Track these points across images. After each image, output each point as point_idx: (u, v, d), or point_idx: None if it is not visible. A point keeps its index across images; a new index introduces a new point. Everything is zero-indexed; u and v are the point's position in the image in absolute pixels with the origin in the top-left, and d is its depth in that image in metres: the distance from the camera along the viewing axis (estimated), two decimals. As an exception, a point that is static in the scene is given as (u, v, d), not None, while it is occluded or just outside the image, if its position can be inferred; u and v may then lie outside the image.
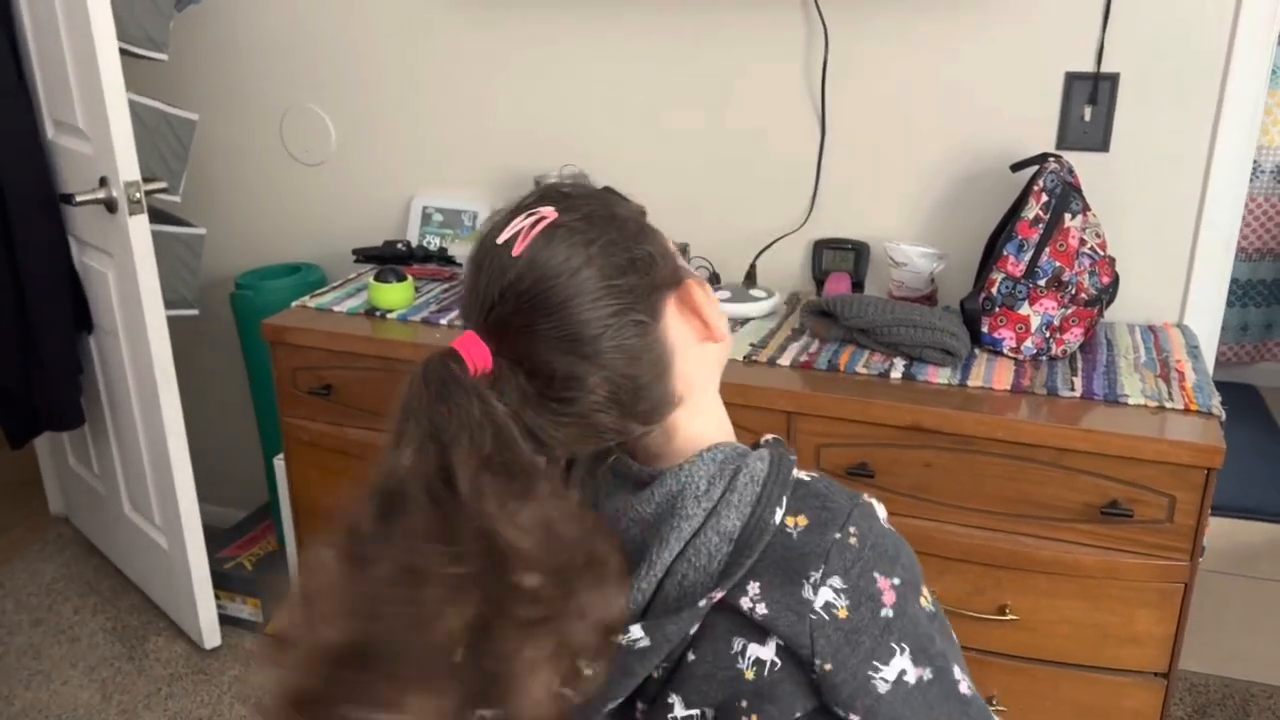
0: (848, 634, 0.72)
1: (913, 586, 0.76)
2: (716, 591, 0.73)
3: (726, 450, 0.80)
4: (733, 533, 0.75)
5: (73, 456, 2.68)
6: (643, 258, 0.78)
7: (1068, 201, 1.65)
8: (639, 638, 0.73)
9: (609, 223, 0.78)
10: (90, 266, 2.20)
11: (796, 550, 0.73)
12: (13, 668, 2.29)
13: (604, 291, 0.75)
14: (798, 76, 1.95)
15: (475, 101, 2.18)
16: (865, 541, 0.74)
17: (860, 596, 0.73)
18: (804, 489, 0.77)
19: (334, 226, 2.38)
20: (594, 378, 0.75)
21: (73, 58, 1.95)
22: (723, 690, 0.74)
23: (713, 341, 0.83)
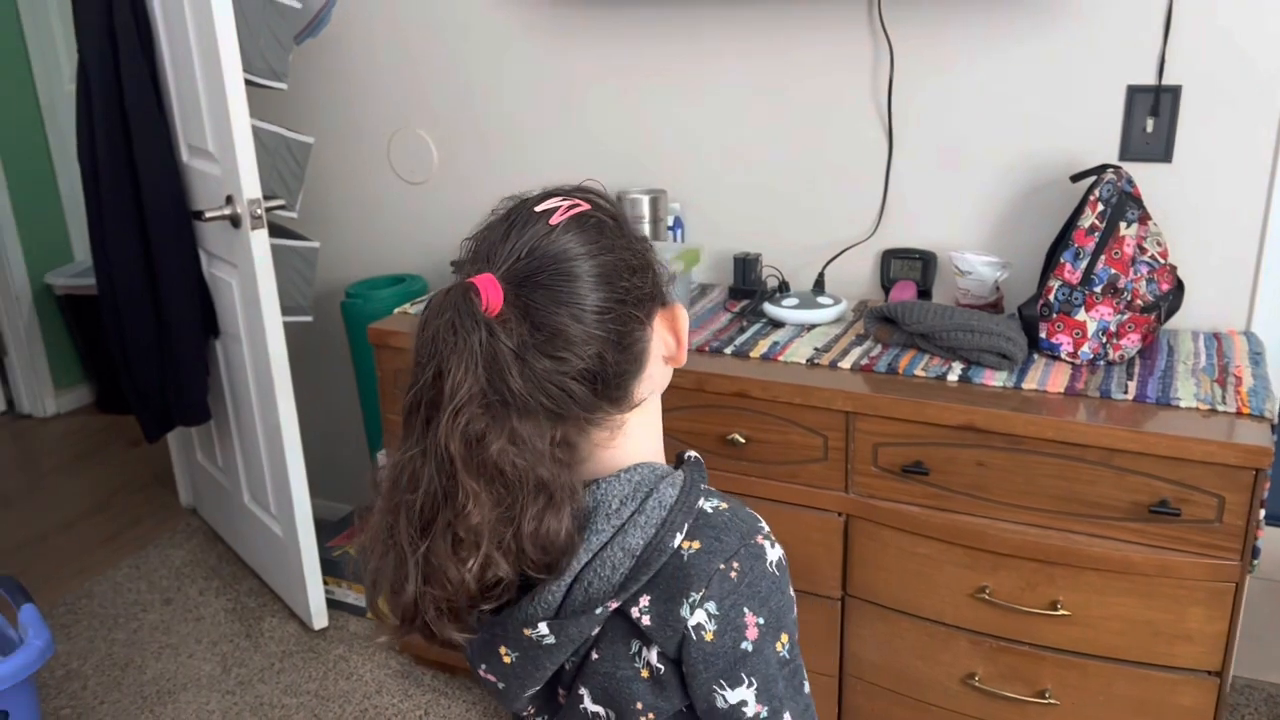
0: (705, 657, 0.82)
1: (774, 629, 0.84)
2: (613, 601, 0.82)
3: (644, 472, 0.87)
4: (635, 550, 0.82)
5: (200, 452, 2.92)
6: (648, 270, 0.89)
7: (1123, 210, 1.69)
8: (545, 634, 0.82)
9: (626, 233, 0.89)
10: (217, 277, 2.42)
11: (684, 571, 0.82)
12: (146, 641, 2.52)
13: (618, 280, 0.85)
14: (865, 93, 2.04)
15: (561, 123, 2.33)
16: (744, 578, 0.82)
17: (726, 625, 0.81)
18: (705, 519, 0.85)
19: (435, 239, 2.56)
20: (588, 347, 0.82)
21: (204, 88, 2.17)
22: (622, 687, 0.85)
23: (674, 364, 0.93)
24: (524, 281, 0.82)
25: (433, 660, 2.37)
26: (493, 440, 0.78)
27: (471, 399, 0.78)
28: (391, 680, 2.36)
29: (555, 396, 0.82)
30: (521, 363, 0.80)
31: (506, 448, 0.79)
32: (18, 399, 3.88)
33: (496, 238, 0.86)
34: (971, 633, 1.70)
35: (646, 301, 0.88)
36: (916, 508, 1.69)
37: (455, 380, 0.77)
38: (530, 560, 0.81)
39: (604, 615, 0.82)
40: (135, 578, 2.79)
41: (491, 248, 0.85)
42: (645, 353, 0.89)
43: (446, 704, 2.28)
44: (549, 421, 0.83)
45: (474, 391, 0.78)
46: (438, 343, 0.79)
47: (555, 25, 2.27)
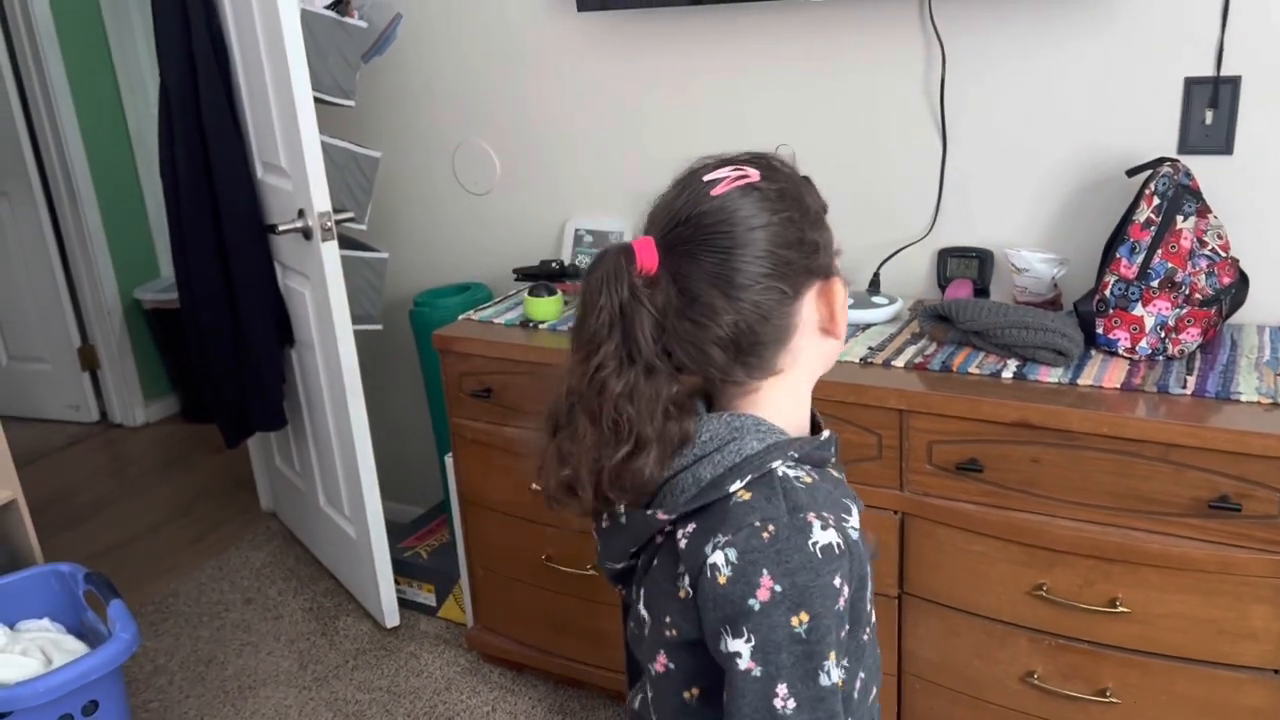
0: (716, 597, 0.85)
1: (791, 602, 0.83)
2: (663, 513, 0.90)
3: (744, 421, 0.93)
4: (702, 481, 0.90)
5: (278, 457, 3.03)
6: (809, 242, 0.91)
7: (1180, 204, 1.68)
8: (621, 515, 0.94)
9: (796, 203, 0.92)
10: (291, 288, 2.52)
11: (727, 513, 0.87)
12: (228, 638, 2.63)
13: (767, 255, 0.88)
14: (918, 92, 2.04)
15: (620, 133, 2.38)
16: (774, 544, 0.84)
17: (740, 576, 0.84)
18: (773, 480, 0.88)
19: (499, 248, 2.63)
20: (727, 316, 0.88)
21: (277, 107, 2.27)
22: (661, 599, 0.92)
23: (832, 337, 0.95)
24: (677, 247, 0.89)
25: (500, 658, 2.43)
26: (611, 390, 0.88)
27: (607, 354, 0.87)
28: (460, 677, 2.42)
29: (693, 356, 0.90)
30: (659, 325, 0.88)
31: (622, 401, 0.88)
32: (110, 409, 4.06)
33: (666, 201, 0.92)
34: (1030, 630, 1.69)
35: (800, 275, 0.91)
36: (972, 505, 1.69)
37: (597, 333, 0.88)
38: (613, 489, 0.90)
39: (656, 524, 0.91)
40: (218, 578, 2.90)
41: (659, 211, 0.92)
42: (791, 325, 0.91)
43: (513, 700, 2.33)
44: (676, 376, 0.91)
45: (610, 348, 0.87)
46: (591, 295, 0.89)
47: (609, 36, 2.32)
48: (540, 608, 2.27)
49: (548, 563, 2.19)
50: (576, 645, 2.25)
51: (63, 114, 3.63)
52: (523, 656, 2.37)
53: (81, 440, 3.95)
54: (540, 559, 2.20)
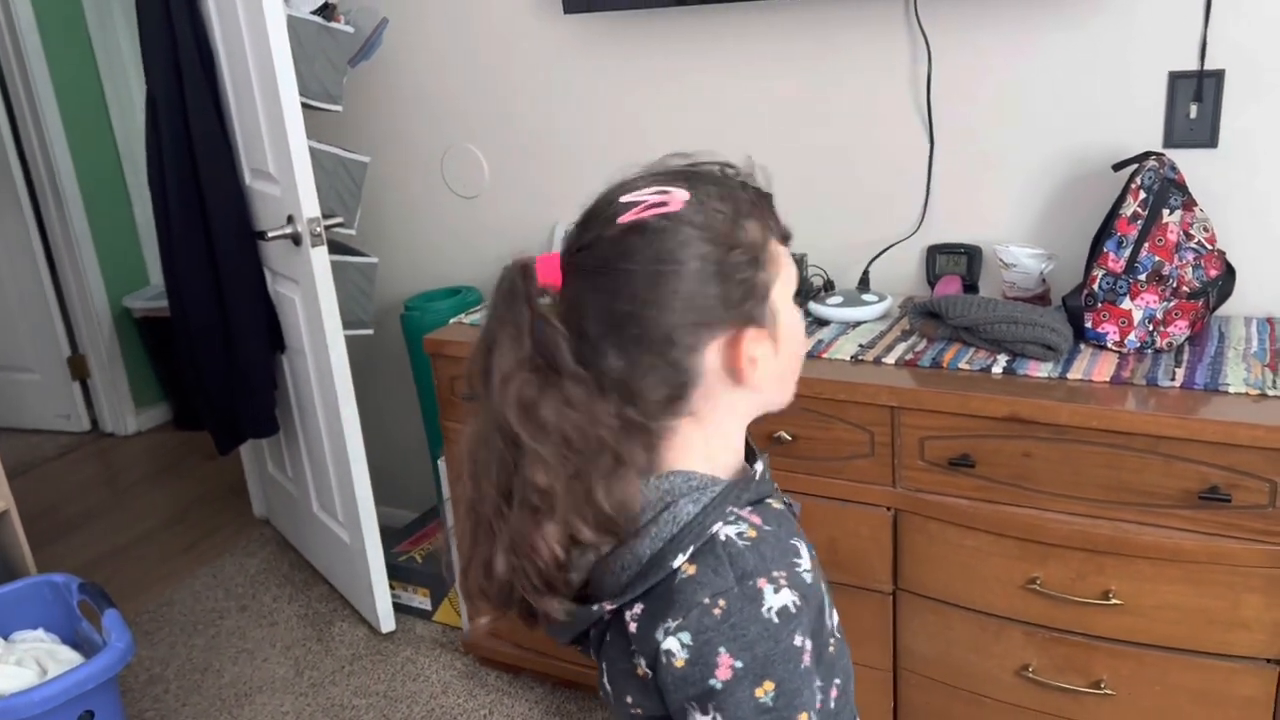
0: (676, 680, 0.79)
1: (754, 675, 0.78)
2: (609, 604, 0.82)
3: (675, 481, 0.84)
4: (641, 559, 0.82)
5: (271, 463, 3.03)
6: (733, 289, 0.82)
7: (1166, 198, 1.69)
8: (560, 611, 0.84)
9: (725, 240, 0.82)
10: (281, 294, 2.52)
11: (674, 593, 0.80)
12: (223, 646, 2.62)
13: (663, 302, 0.80)
14: (904, 90, 2.05)
15: (608, 134, 2.38)
16: (727, 619, 0.78)
17: (697, 659, 0.78)
18: (716, 546, 0.81)
19: (489, 251, 2.63)
20: (613, 360, 0.81)
21: (264, 114, 2.26)
22: (619, 678, 0.86)
23: (747, 389, 0.86)
24: (576, 272, 0.83)
25: (497, 661, 2.43)
26: (547, 402, 0.79)
27: (520, 364, 0.80)
28: (457, 681, 2.42)
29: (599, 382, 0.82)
30: (566, 341, 0.81)
31: (562, 409, 0.80)
32: (101, 418, 4.05)
33: (584, 215, 0.87)
34: (1024, 624, 1.70)
35: (712, 326, 0.82)
36: (964, 500, 1.70)
37: (502, 348, 0.80)
38: (609, 521, 0.81)
39: (599, 614, 0.83)
40: (213, 585, 2.90)
41: (574, 225, 0.87)
42: (691, 377, 0.83)
43: (510, 703, 2.33)
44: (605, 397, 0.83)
45: (520, 358, 0.80)
46: (494, 312, 0.83)
47: (596, 38, 2.33)
48: (536, 610, 2.27)
49: (543, 565, 2.19)
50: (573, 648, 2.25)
51: (48, 122, 3.62)
52: (519, 659, 2.37)
53: (73, 450, 3.94)
54: (535, 561, 2.20)
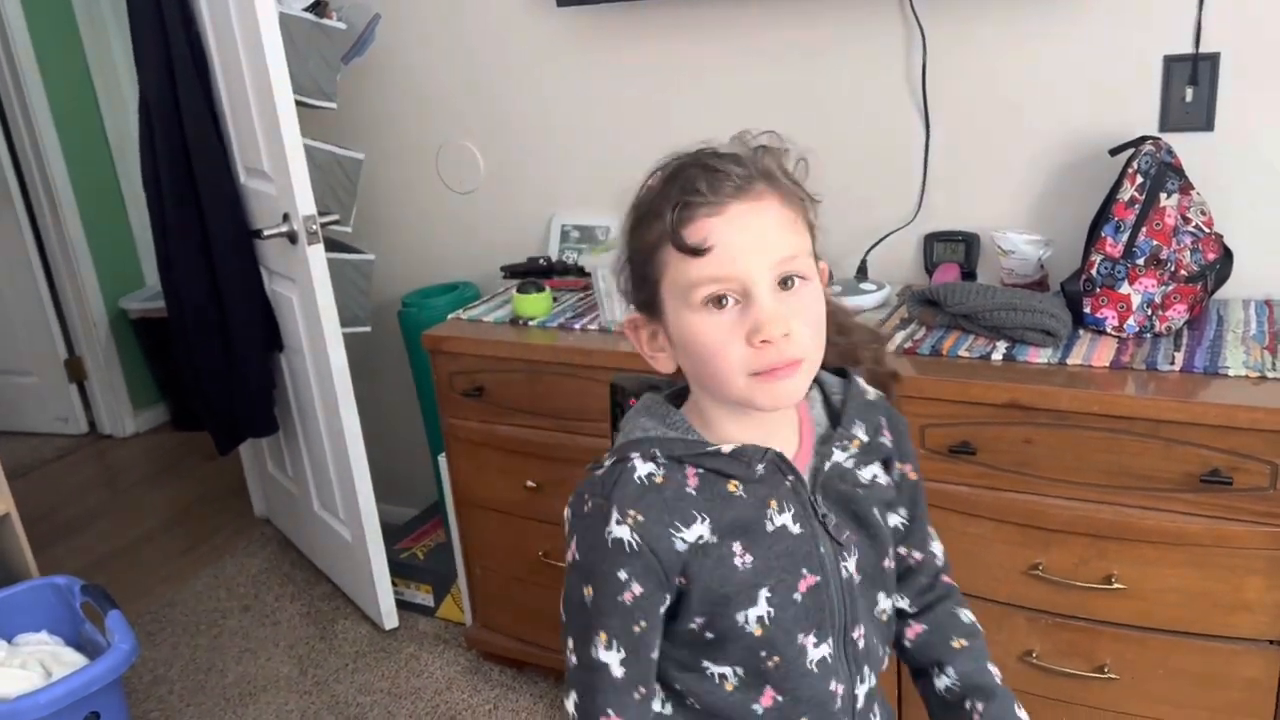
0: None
1: (582, 573, 0.92)
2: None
3: (652, 407, 1.00)
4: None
5: (270, 463, 3.02)
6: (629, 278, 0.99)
7: (1163, 181, 1.69)
8: None
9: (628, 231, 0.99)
10: (278, 292, 2.52)
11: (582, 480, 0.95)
12: (226, 646, 2.62)
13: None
14: (899, 78, 2.05)
15: (603, 127, 2.38)
16: (582, 518, 0.93)
17: (566, 532, 0.95)
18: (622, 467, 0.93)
19: (486, 247, 2.62)
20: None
21: (257, 112, 2.26)
22: None
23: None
24: None
25: (500, 656, 2.43)
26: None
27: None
28: (461, 676, 2.42)
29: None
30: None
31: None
32: (99, 420, 4.04)
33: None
34: (1027, 610, 1.70)
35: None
36: (966, 488, 1.70)
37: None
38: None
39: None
40: (215, 586, 2.90)
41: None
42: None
43: (514, 698, 2.33)
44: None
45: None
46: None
47: (589, 31, 2.32)
48: (539, 604, 2.28)
49: (544, 559, 2.19)
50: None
51: (41, 125, 3.61)
52: (523, 654, 2.37)
53: (71, 452, 3.93)
54: (537, 555, 2.20)
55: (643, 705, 0.95)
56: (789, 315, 0.88)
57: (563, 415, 2.06)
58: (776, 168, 0.93)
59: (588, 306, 2.19)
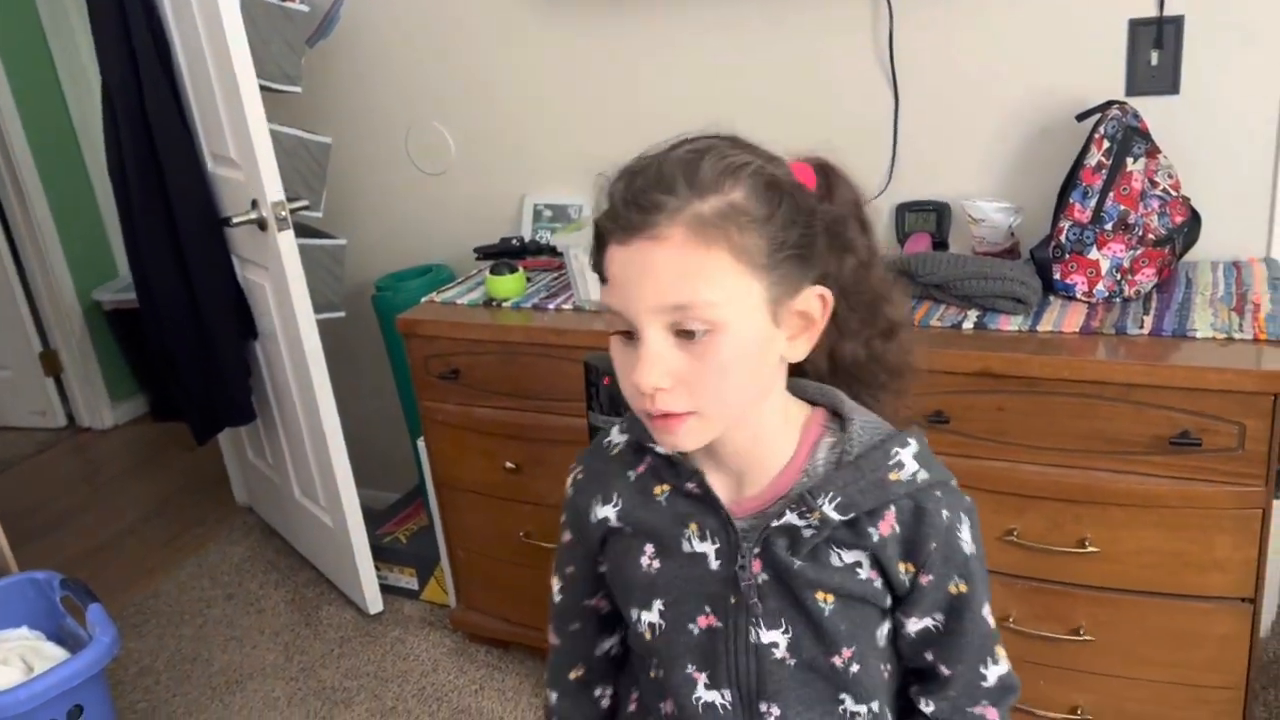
0: None
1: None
2: None
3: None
4: None
5: (250, 450, 3.01)
6: None
7: (1129, 146, 1.69)
8: None
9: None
10: (250, 280, 2.50)
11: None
12: (211, 635, 2.62)
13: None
14: (868, 49, 2.04)
15: (574, 105, 2.36)
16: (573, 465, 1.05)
17: None
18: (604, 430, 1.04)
19: (458, 228, 2.61)
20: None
21: (222, 97, 2.23)
22: None
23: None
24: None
25: (486, 637, 2.44)
26: None
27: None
28: (446, 658, 2.43)
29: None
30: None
31: None
32: (77, 413, 4.02)
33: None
34: (1003, 575, 1.72)
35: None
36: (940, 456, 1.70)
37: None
38: None
39: None
40: (198, 575, 2.89)
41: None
42: None
43: (501, 678, 2.34)
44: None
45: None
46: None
47: (559, 8, 2.30)
48: (522, 584, 2.28)
49: (526, 539, 2.20)
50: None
51: (4, 116, 3.56)
52: (508, 634, 2.38)
53: (50, 446, 3.91)
54: (519, 536, 2.21)
55: (577, 637, 1.04)
56: (675, 368, 0.79)
57: (539, 396, 2.06)
58: (717, 193, 0.79)
59: (561, 286, 2.18)
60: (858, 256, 0.90)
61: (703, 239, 0.78)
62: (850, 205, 0.91)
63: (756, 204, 0.80)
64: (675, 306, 0.78)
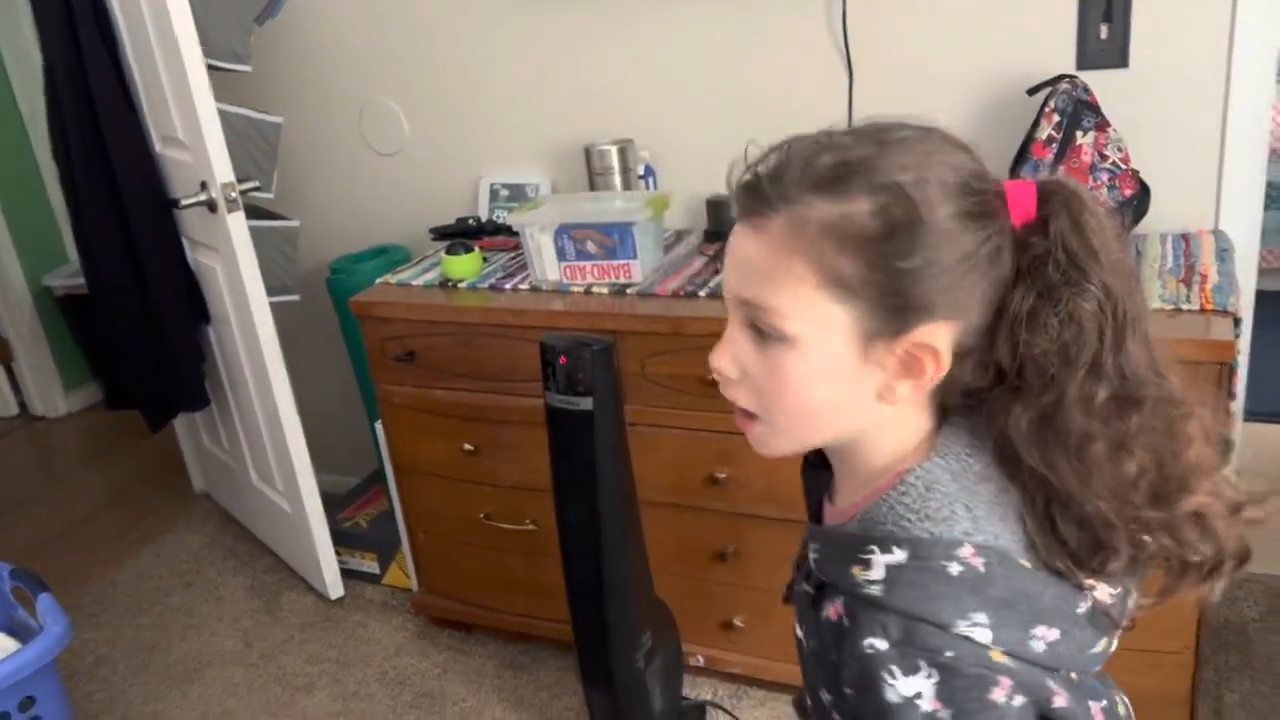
0: None
1: None
2: None
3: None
4: None
5: (206, 437, 2.98)
6: None
7: (1079, 119, 1.70)
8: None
9: None
10: (201, 263, 2.46)
11: None
12: (170, 623, 2.59)
13: None
14: (822, 28, 2.03)
15: (529, 84, 2.34)
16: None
17: None
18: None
19: (414, 209, 2.58)
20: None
21: (167, 77, 2.19)
22: None
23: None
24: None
25: (448, 620, 2.43)
26: None
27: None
28: (409, 642, 2.42)
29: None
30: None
31: None
32: (29, 401, 3.94)
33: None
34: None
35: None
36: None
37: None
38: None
39: None
40: (156, 564, 2.86)
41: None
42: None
43: (464, 660, 2.34)
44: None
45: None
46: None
47: (510, -17, 2.27)
48: (484, 567, 2.28)
49: (487, 521, 2.19)
50: (522, 600, 2.26)
51: (-53, 99, 3.47)
52: (470, 616, 2.38)
53: (3, 435, 3.84)
54: (479, 518, 2.20)
55: None
56: (747, 363, 0.75)
57: (497, 377, 2.05)
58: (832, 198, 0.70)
59: (519, 266, 2.17)
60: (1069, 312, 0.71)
61: (794, 245, 0.70)
62: (1082, 248, 0.71)
63: (874, 222, 0.69)
64: (745, 302, 0.74)
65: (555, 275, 2.03)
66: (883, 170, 0.70)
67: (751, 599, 2.02)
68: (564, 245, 1.99)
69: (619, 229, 1.95)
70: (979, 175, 0.73)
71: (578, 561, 1.78)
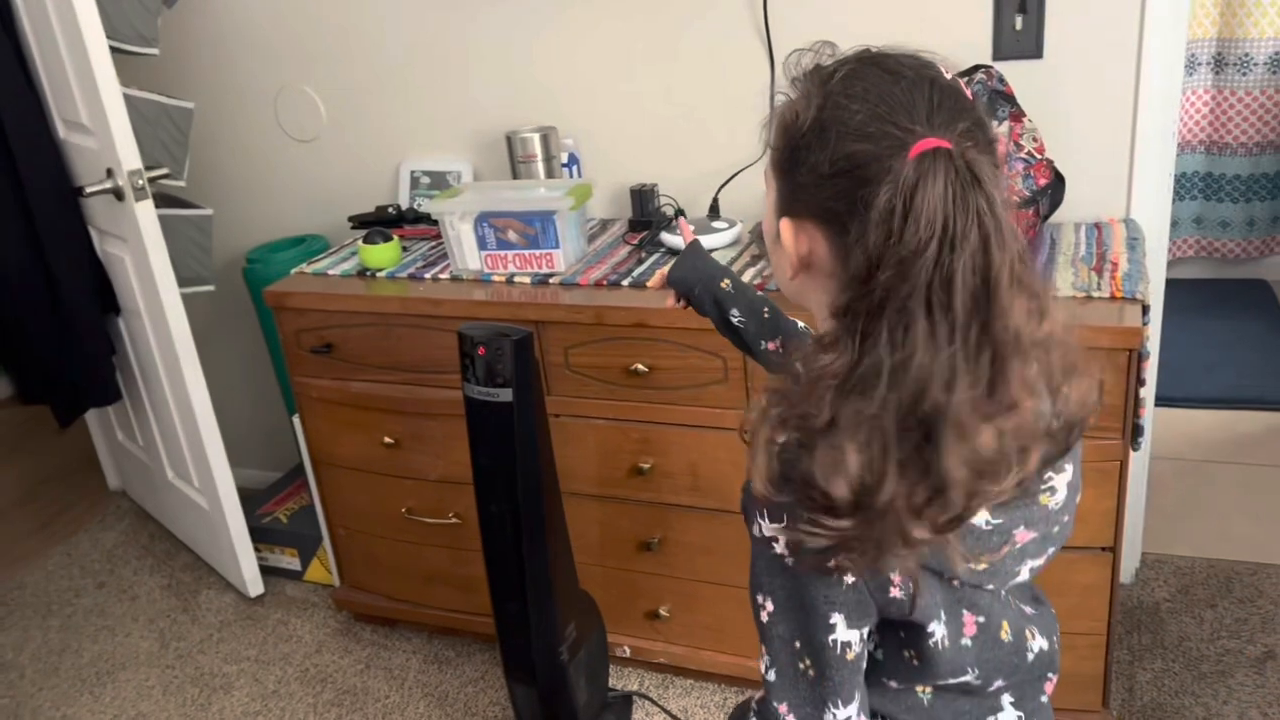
0: None
1: None
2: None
3: None
4: None
5: (120, 432, 2.88)
6: None
7: (995, 109, 1.72)
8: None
9: None
10: (109, 253, 2.37)
11: None
12: (81, 625, 2.51)
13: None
14: (744, 16, 2.03)
15: (451, 70, 2.30)
16: None
17: None
18: None
19: (332, 197, 2.52)
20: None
21: (69, 59, 2.10)
22: None
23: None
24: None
25: (371, 615, 2.39)
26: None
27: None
28: (331, 639, 2.37)
29: None
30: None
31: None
32: (-66, 398, 3.79)
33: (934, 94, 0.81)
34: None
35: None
36: (816, 419, 1.72)
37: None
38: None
39: None
40: (67, 564, 2.76)
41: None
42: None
43: (388, 655, 2.30)
44: None
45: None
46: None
47: (429, -33, 2.23)
48: (406, 561, 2.24)
49: (408, 515, 2.15)
50: (447, 594, 2.23)
51: None
52: (394, 611, 2.34)
53: (-95, 433, 3.68)
54: (400, 512, 2.16)
55: None
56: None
57: (416, 368, 2.01)
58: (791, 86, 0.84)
59: (439, 255, 2.13)
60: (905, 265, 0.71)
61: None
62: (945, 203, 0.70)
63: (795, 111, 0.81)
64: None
65: (476, 265, 2.00)
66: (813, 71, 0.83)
67: (676, 588, 2.01)
68: (485, 234, 1.96)
69: (540, 218, 1.92)
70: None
71: (499, 554, 1.76)
